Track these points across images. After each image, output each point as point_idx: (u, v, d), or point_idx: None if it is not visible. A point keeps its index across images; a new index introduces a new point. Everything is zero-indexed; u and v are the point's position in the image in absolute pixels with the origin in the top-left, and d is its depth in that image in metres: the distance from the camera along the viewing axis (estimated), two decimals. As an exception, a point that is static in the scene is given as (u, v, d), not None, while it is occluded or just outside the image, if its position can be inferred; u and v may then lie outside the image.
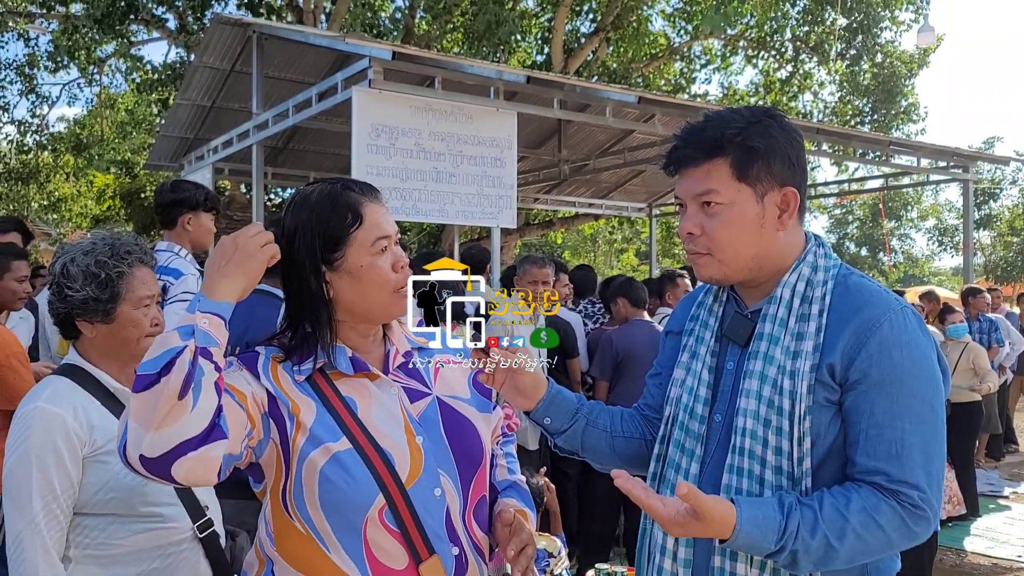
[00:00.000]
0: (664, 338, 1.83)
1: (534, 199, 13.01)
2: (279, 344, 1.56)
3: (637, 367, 4.83)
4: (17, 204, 18.10)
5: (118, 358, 2.03)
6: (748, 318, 1.58)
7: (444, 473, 1.53)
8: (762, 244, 1.52)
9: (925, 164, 10.02)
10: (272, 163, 10.60)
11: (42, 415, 1.86)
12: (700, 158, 1.52)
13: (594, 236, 30.03)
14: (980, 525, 6.58)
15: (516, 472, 1.78)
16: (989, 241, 29.40)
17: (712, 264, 1.55)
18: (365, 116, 5.58)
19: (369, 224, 1.51)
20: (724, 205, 1.51)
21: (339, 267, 1.51)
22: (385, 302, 1.53)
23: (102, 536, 1.89)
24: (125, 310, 1.99)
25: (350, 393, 1.52)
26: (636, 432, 1.78)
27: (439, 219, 6.17)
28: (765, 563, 1.44)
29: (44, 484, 1.82)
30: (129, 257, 2.01)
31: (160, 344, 1.29)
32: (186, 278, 3.32)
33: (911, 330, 1.45)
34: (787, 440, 1.44)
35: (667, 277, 6.23)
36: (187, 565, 1.98)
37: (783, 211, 1.52)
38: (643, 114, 8.17)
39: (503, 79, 6.19)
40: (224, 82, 8.97)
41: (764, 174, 1.50)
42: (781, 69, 17.23)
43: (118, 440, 1.30)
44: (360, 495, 1.44)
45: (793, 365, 1.46)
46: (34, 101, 17.15)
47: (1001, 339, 8.55)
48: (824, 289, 1.50)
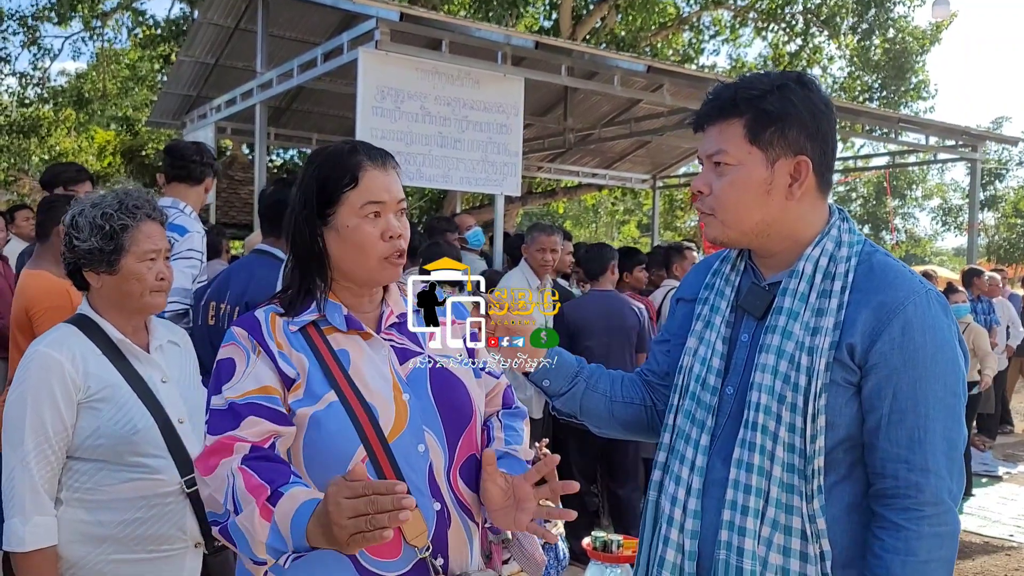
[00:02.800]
0: (674, 305, 1.80)
1: (537, 167, 12.95)
2: (279, 302, 1.58)
3: (589, 338, 4.83)
4: (18, 157, 18.00)
5: (123, 309, 2.08)
6: (765, 290, 1.56)
7: (429, 430, 1.54)
8: (768, 211, 1.50)
9: (933, 142, 9.95)
10: (275, 124, 10.53)
11: (41, 359, 1.95)
12: (716, 117, 1.51)
13: (596, 207, 29.95)
14: (973, 504, 6.62)
15: (514, 444, 1.73)
16: (993, 222, 29.33)
17: (715, 225, 1.53)
18: (371, 78, 5.52)
19: (362, 188, 1.53)
20: (732, 166, 1.49)
21: (331, 224, 1.54)
22: (369, 267, 1.55)
23: (90, 482, 1.96)
24: (129, 263, 2.03)
25: (343, 347, 1.55)
26: (636, 398, 1.76)
27: (443, 185, 6.14)
28: (772, 540, 1.44)
29: (37, 425, 1.91)
30: (136, 212, 2.05)
31: (242, 535, 1.36)
32: (191, 235, 3.31)
33: (935, 314, 1.42)
34: (801, 417, 1.42)
35: (674, 249, 6.21)
36: (171, 518, 2.02)
37: (794, 180, 1.49)
38: (651, 84, 8.10)
39: (511, 44, 6.12)
40: (228, 40, 8.89)
41: (778, 140, 1.47)
42: (791, 42, 17.05)
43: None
44: (341, 447, 1.46)
45: (812, 341, 1.44)
46: (36, 53, 17.01)
47: (998, 320, 8.56)
48: (847, 266, 1.47)
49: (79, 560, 1.95)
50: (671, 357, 1.72)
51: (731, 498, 1.46)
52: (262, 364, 1.50)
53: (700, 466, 1.53)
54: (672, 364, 1.69)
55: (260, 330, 1.53)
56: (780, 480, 1.43)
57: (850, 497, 1.45)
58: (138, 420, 1.97)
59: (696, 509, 1.52)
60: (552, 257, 5.08)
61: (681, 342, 1.68)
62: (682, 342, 1.67)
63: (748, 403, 1.48)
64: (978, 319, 8.21)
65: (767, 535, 1.43)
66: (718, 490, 1.49)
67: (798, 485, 1.42)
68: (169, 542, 2.02)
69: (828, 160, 1.53)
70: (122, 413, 1.97)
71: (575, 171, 13.44)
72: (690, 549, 1.51)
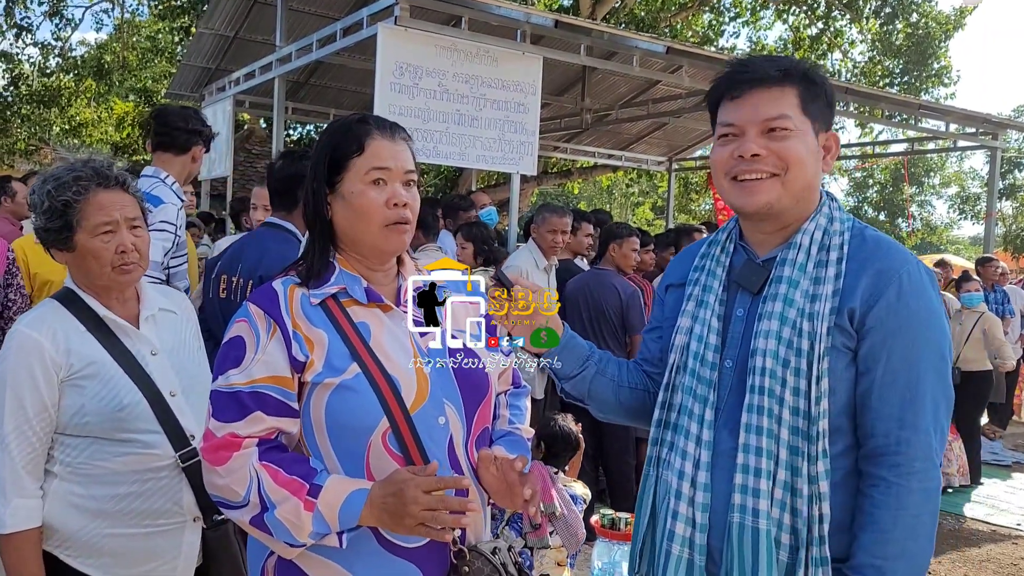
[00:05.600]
0: (663, 292, 1.83)
1: (554, 147, 12.91)
2: (297, 272, 1.61)
3: (569, 317, 4.85)
4: (40, 128, 18.07)
5: (92, 287, 1.99)
6: (761, 266, 1.60)
7: (449, 403, 1.57)
8: (815, 179, 1.57)
9: (953, 129, 9.86)
10: (293, 98, 10.53)
11: (20, 338, 1.89)
12: (771, 81, 1.54)
13: (611, 188, 29.81)
14: (981, 493, 6.64)
15: (517, 423, 1.78)
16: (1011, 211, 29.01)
17: (775, 187, 1.54)
18: (389, 54, 5.52)
19: (368, 154, 1.57)
20: (792, 132, 1.53)
21: (338, 191, 1.58)
22: (373, 233, 1.57)
23: (83, 456, 1.92)
24: (82, 239, 1.93)
25: (363, 319, 1.57)
26: (640, 384, 1.80)
27: (459, 162, 6.14)
28: (784, 501, 1.48)
29: (16, 407, 1.86)
30: (84, 183, 1.92)
31: (284, 527, 1.45)
32: (166, 207, 3.11)
33: (925, 283, 1.50)
34: (805, 380, 1.47)
35: (683, 231, 6.21)
36: (166, 492, 1.98)
37: (827, 152, 1.58)
38: (669, 65, 8.06)
39: (530, 22, 6.10)
40: (248, 12, 8.88)
41: (820, 113, 1.56)
42: (812, 26, 16.86)
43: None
44: (365, 418, 1.49)
45: (812, 307, 1.50)
46: (58, 24, 17.03)
47: (1012, 310, 8.51)
48: (842, 239, 1.55)
49: (74, 534, 1.92)
50: (661, 343, 1.76)
51: (742, 462, 1.50)
52: (274, 347, 1.51)
53: (707, 440, 1.57)
54: (664, 350, 1.72)
55: (278, 305, 1.54)
56: (787, 442, 1.48)
57: (850, 464, 1.51)
58: (124, 396, 1.92)
59: (706, 482, 1.55)
60: (562, 238, 5.08)
61: (672, 327, 1.70)
62: (673, 327, 1.70)
63: (752, 369, 1.52)
64: (992, 308, 8.17)
65: (779, 496, 1.48)
66: (727, 460, 1.53)
67: (803, 447, 1.46)
68: (165, 516, 1.98)
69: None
70: (107, 389, 1.91)
71: (591, 152, 13.40)
72: (701, 522, 1.55)
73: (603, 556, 3.61)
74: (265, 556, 1.58)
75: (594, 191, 31.00)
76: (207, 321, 3.27)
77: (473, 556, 1.54)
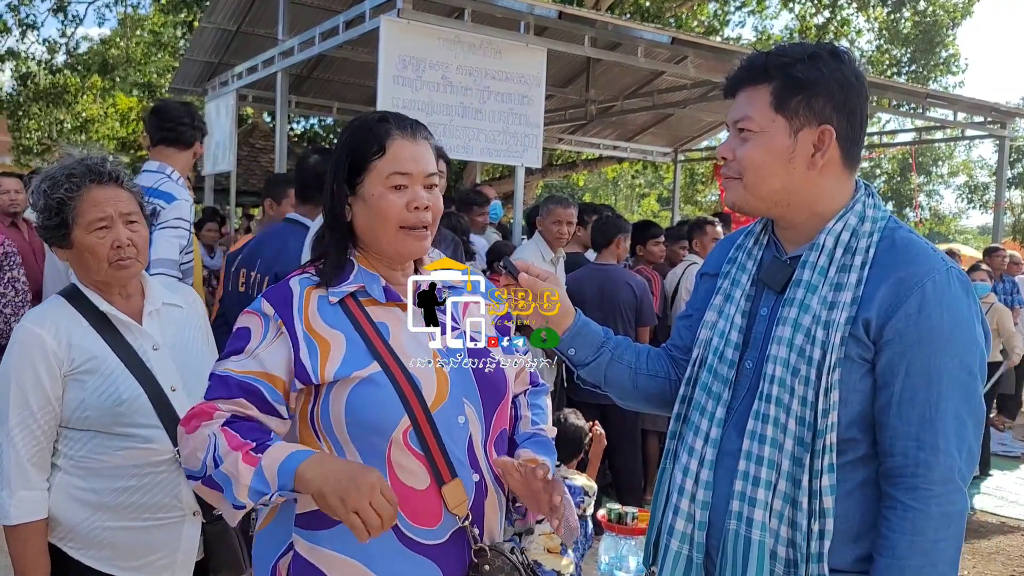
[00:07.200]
0: (698, 280, 1.81)
1: (558, 139, 12.85)
2: (315, 270, 1.59)
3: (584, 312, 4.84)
4: (50, 126, 18.11)
5: (93, 283, 2.01)
6: (786, 264, 1.55)
7: (468, 402, 1.57)
8: (789, 179, 1.49)
9: (961, 118, 9.78)
10: (296, 92, 10.51)
11: (23, 335, 1.92)
12: (745, 82, 1.52)
13: (616, 180, 29.74)
14: (991, 484, 6.60)
15: (540, 423, 1.77)
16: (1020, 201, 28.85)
17: (737, 188, 1.54)
18: (392, 47, 5.48)
19: (389, 157, 1.54)
20: (756, 133, 1.49)
21: (359, 193, 1.56)
22: (391, 238, 1.56)
23: (85, 450, 1.96)
24: (78, 236, 1.94)
25: (382, 319, 1.56)
26: (661, 371, 1.77)
27: (464, 155, 6.11)
28: (782, 513, 1.44)
29: (21, 401, 1.90)
30: (78, 180, 1.93)
31: (227, 479, 1.39)
32: (179, 203, 3.13)
33: (954, 292, 1.41)
34: (813, 390, 1.42)
35: (696, 224, 6.18)
36: (166, 486, 2.00)
37: (817, 150, 1.48)
38: (674, 55, 8.01)
39: (534, 13, 6.06)
40: (250, 6, 8.85)
41: (803, 109, 1.47)
42: (818, 14, 16.77)
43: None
44: (386, 416, 1.48)
45: (828, 315, 1.44)
46: (63, 20, 17.03)
47: (1021, 300, 8.44)
48: (869, 241, 1.47)
49: (76, 525, 1.95)
50: (693, 331, 1.72)
51: (743, 469, 1.47)
52: (278, 346, 1.51)
53: (714, 438, 1.54)
54: (694, 339, 1.69)
55: (291, 304, 1.54)
56: (791, 453, 1.44)
57: (865, 474, 1.45)
58: (123, 391, 1.93)
59: (708, 480, 1.53)
60: (568, 230, 5.06)
61: (702, 318, 1.68)
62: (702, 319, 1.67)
63: (763, 375, 1.49)
64: (1002, 299, 8.11)
65: (778, 508, 1.44)
66: (731, 461, 1.51)
67: (806, 460, 1.42)
68: (165, 510, 2.00)
69: (855, 134, 1.52)
70: (107, 384, 1.93)
71: (596, 143, 13.33)
72: (700, 519, 1.53)
73: (610, 551, 3.59)
74: (277, 556, 1.56)
75: (599, 183, 30.94)
76: (226, 313, 3.30)
77: (494, 554, 1.54)
